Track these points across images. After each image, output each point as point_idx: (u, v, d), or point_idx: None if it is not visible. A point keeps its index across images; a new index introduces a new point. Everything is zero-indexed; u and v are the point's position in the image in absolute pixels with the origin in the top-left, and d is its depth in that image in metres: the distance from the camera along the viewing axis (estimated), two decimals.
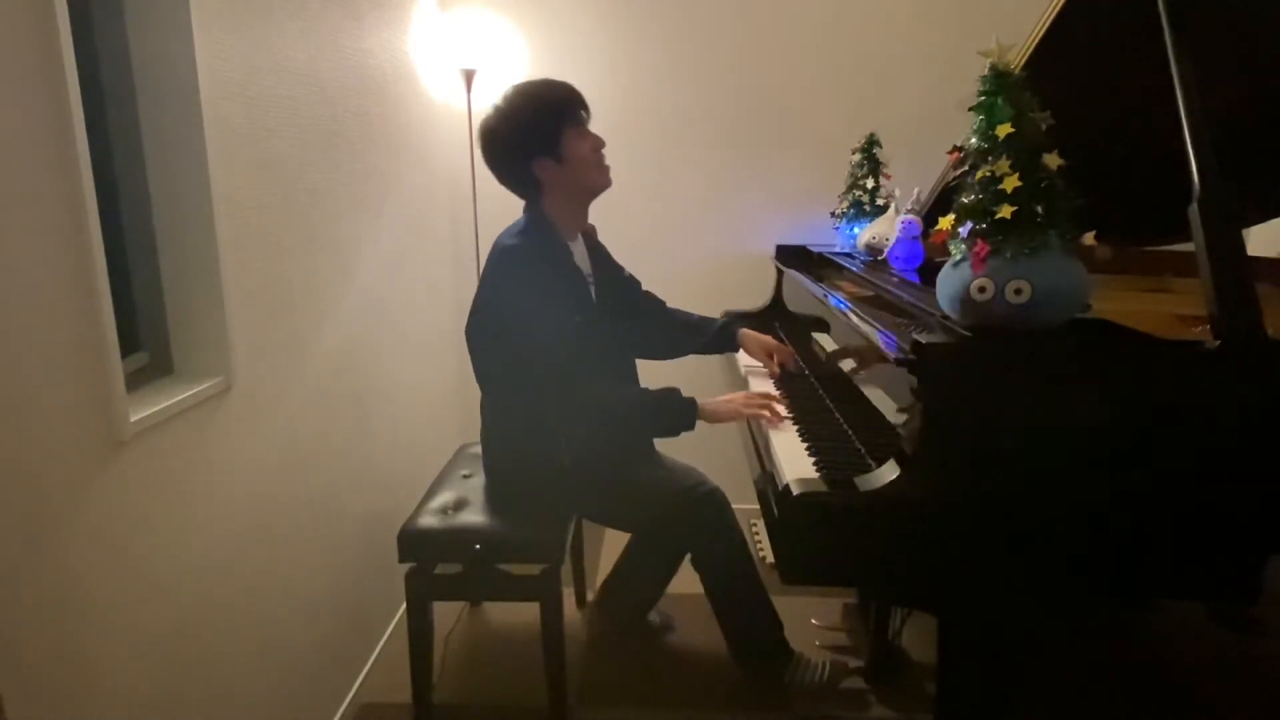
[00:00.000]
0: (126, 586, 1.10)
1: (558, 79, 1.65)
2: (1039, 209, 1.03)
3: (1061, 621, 2.04)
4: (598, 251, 1.89)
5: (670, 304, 2.07)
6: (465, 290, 2.69)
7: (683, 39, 2.57)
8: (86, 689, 1.02)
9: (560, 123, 1.61)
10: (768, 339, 1.99)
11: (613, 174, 1.71)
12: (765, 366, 1.95)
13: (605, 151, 1.69)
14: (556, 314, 1.58)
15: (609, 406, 1.63)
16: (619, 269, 1.96)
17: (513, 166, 1.64)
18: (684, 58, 2.59)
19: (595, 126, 1.71)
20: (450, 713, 1.84)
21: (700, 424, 1.61)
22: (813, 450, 1.40)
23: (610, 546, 2.44)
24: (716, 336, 2.01)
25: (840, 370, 1.65)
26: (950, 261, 1.13)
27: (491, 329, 1.67)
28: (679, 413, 1.59)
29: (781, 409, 1.58)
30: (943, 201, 1.87)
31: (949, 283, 1.13)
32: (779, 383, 1.88)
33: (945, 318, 1.19)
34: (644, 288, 2.04)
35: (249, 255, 1.39)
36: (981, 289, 1.07)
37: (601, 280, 1.84)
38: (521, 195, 1.70)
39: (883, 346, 1.26)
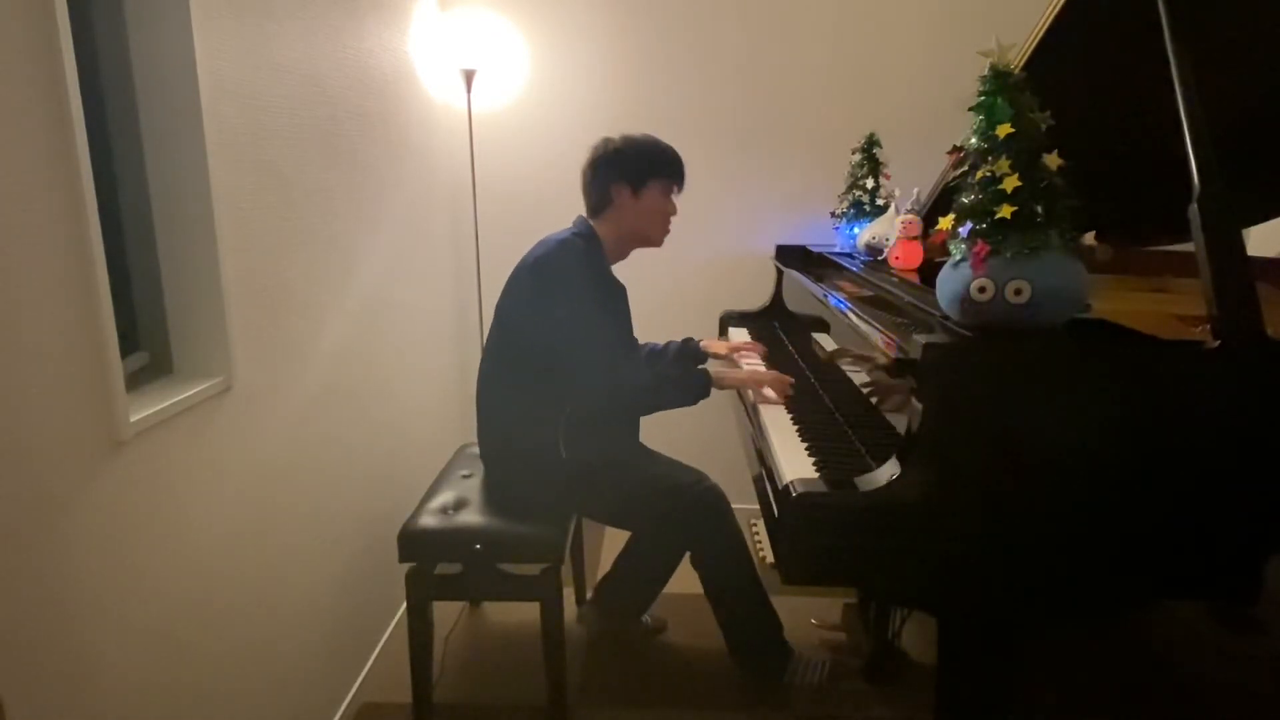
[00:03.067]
0: (126, 586, 1.10)
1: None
2: (1039, 209, 1.03)
3: (1061, 621, 2.04)
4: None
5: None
6: (465, 290, 2.71)
7: (683, 39, 2.57)
8: (86, 689, 1.02)
9: (654, 171, 1.79)
10: (731, 341, 2.09)
11: None
12: (732, 360, 2.03)
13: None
14: (597, 308, 1.72)
15: (635, 383, 1.75)
16: (629, 311, 2.01)
17: (598, 177, 1.79)
18: (684, 58, 2.59)
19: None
20: (450, 713, 1.84)
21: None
22: (813, 450, 1.40)
23: (610, 546, 2.44)
24: (679, 355, 2.08)
25: (840, 370, 1.65)
26: (950, 261, 1.13)
27: (531, 312, 1.71)
28: (696, 381, 1.75)
29: (788, 388, 1.70)
30: (943, 201, 1.87)
31: (949, 283, 1.13)
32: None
33: (945, 318, 1.19)
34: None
35: (249, 255, 1.39)
36: (981, 289, 1.07)
37: None
38: (589, 206, 1.83)
39: (883, 346, 1.26)
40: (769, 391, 1.70)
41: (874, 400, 1.41)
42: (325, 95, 1.68)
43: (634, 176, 1.77)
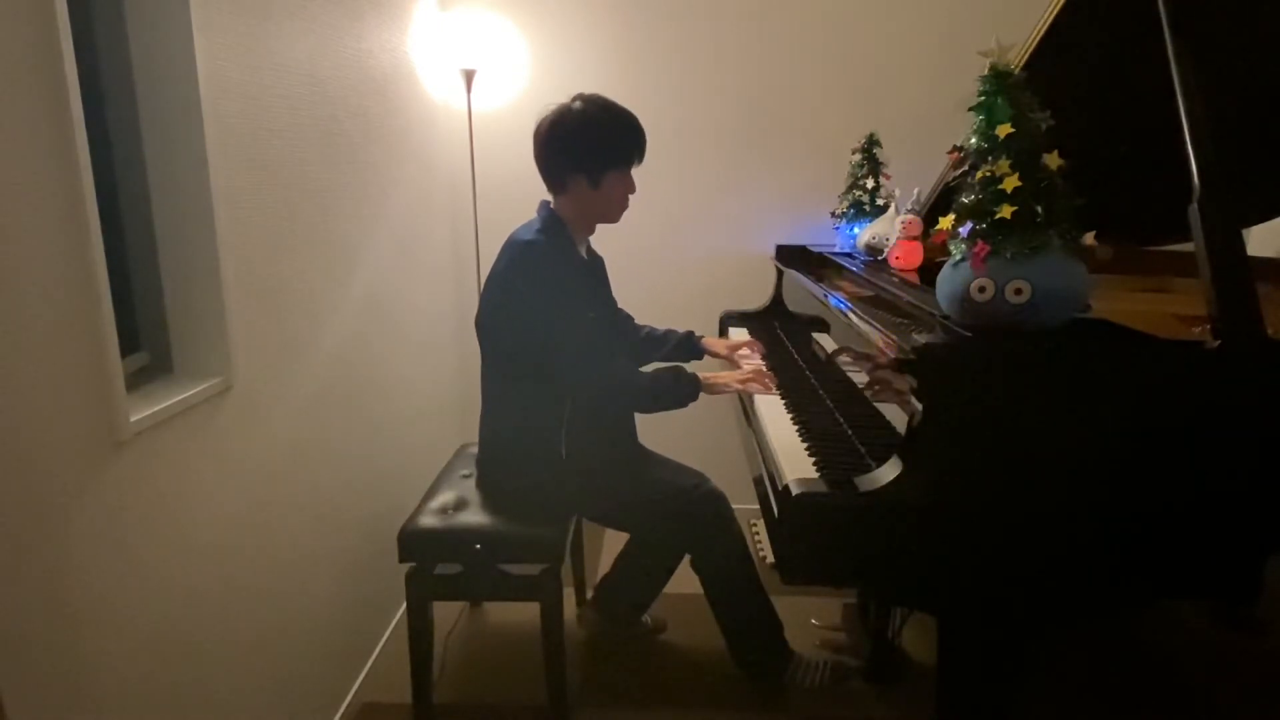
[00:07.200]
0: (126, 586, 1.10)
1: (634, 116, 1.71)
2: (1039, 209, 1.03)
3: (1061, 620, 2.03)
4: (595, 257, 1.94)
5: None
6: (465, 290, 2.71)
7: (682, 39, 2.57)
8: (86, 688, 1.03)
9: (612, 160, 1.69)
10: (731, 340, 2.07)
11: None
12: (730, 359, 2.03)
13: None
14: (574, 306, 1.67)
15: (626, 384, 1.71)
16: (608, 285, 2.00)
17: (553, 164, 1.71)
18: (683, 57, 2.59)
19: None
20: (450, 713, 1.84)
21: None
22: (813, 450, 1.40)
23: (610, 546, 2.44)
24: (677, 347, 2.07)
25: (840, 370, 1.65)
26: (950, 261, 1.13)
27: (509, 319, 1.69)
28: (686, 386, 1.71)
29: (771, 383, 1.75)
30: (943, 201, 1.87)
31: (949, 283, 1.13)
32: (777, 380, 1.88)
33: (945, 318, 1.19)
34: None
35: (249, 255, 1.39)
36: (981, 289, 1.07)
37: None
38: (547, 184, 1.76)
39: (883, 346, 1.26)
40: (754, 385, 1.75)
41: (869, 391, 1.41)
42: (325, 95, 1.68)
43: (590, 167, 1.67)
